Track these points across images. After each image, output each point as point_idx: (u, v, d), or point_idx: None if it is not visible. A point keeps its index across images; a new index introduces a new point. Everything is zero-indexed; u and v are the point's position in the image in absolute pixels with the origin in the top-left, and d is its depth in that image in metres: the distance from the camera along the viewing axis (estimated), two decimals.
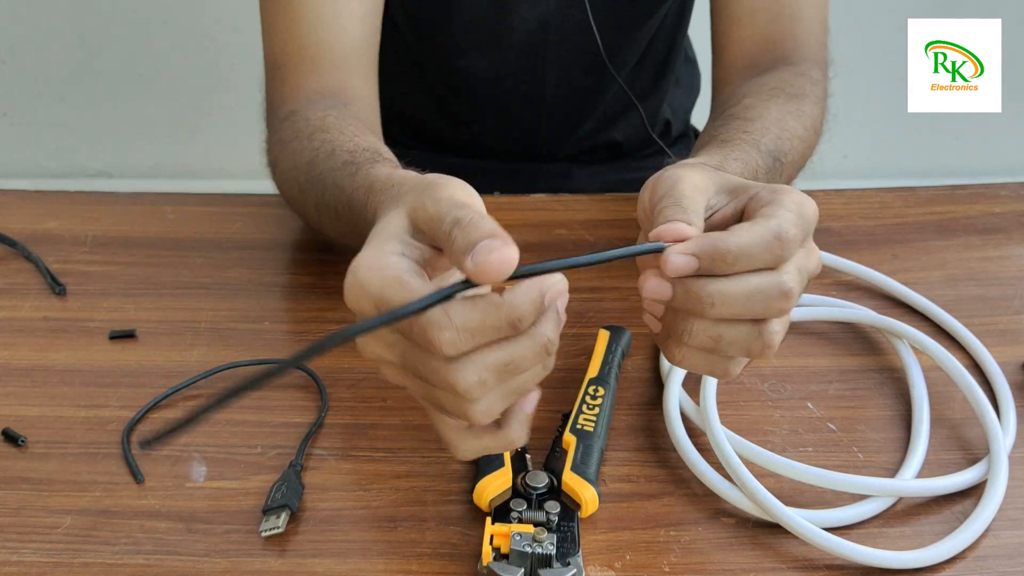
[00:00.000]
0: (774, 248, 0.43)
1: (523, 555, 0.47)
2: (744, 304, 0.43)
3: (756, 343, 0.45)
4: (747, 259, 0.43)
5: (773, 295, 0.43)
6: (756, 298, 0.43)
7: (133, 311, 0.67)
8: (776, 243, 0.43)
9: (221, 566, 0.49)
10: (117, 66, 1.90)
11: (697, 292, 0.43)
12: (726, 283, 0.43)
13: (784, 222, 0.44)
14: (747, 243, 0.43)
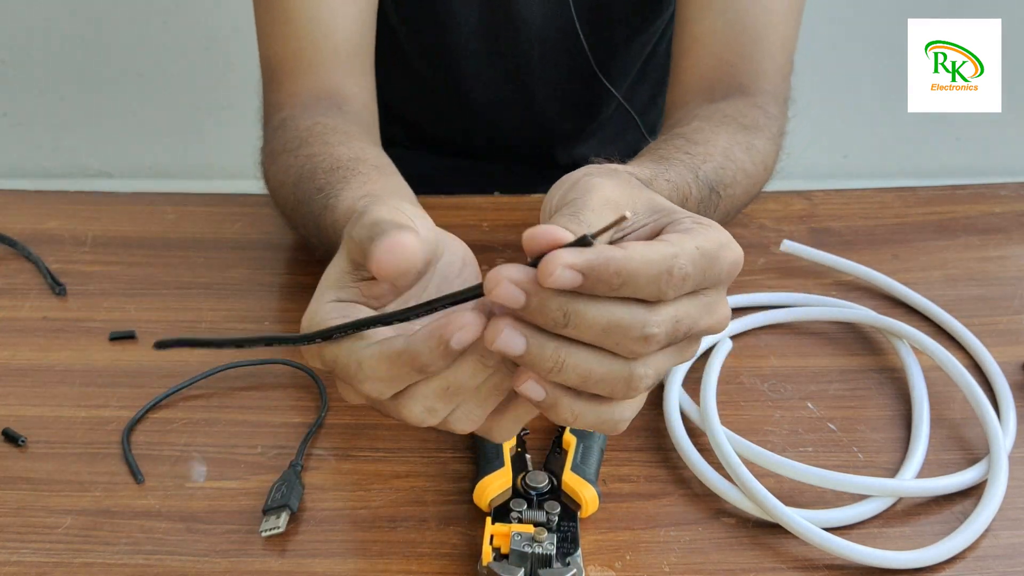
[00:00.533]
0: (661, 281, 0.37)
1: (523, 555, 0.47)
2: (597, 330, 0.38)
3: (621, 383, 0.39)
4: (631, 285, 0.37)
5: (632, 334, 0.38)
6: (613, 332, 0.38)
7: (133, 311, 0.67)
8: (665, 276, 0.37)
9: (221, 566, 0.49)
10: (117, 66, 1.90)
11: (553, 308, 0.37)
12: (587, 304, 0.37)
13: (684, 257, 0.38)
14: (637, 265, 0.37)
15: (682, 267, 0.38)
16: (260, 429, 0.58)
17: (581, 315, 0.37)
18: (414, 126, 0.96)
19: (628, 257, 0.37)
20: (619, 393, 0.39)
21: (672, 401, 0.57)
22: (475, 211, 0.78)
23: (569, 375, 0.39)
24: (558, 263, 0.36)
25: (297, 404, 0.60)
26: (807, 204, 0.79)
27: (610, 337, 0.38)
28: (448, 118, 0.93)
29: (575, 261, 0.36)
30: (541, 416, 0.58)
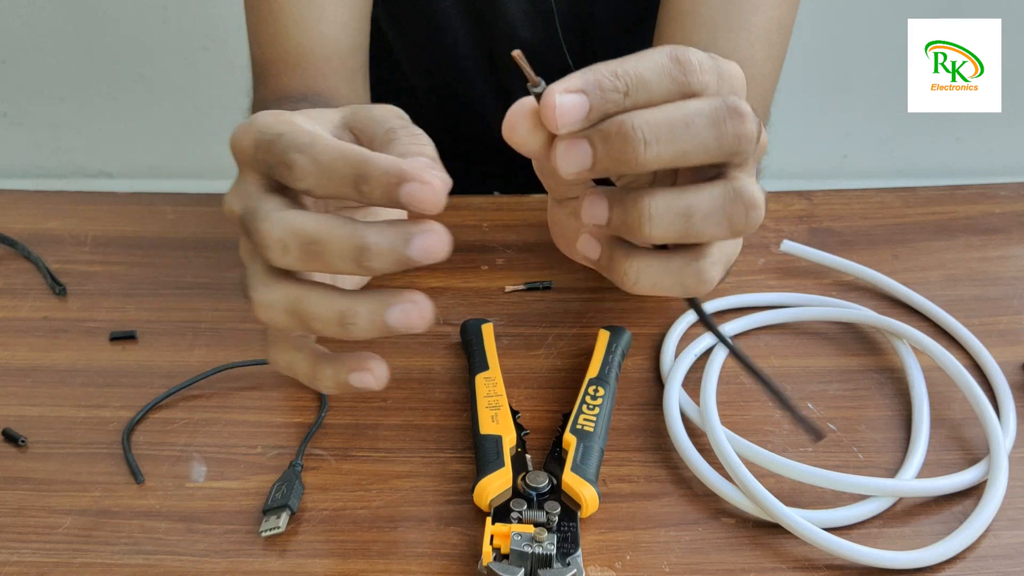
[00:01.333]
0: (673, 72, 0.34)
1: (523, 555, 0.47)
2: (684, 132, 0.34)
3: (737, 206, 0.35)
4: (643, 90, 0.34)
5: (720, 115, 0.34)
6: (697, 120, 0.34)
7: (133, 311, 0.67)
8: (674, 65, 0.34)
9: (221, 566, 0.49)
10: (117, 66, 1.90)
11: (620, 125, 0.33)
12: (651, 111, 0.33)
13: (678, 49, 0.35)
14: (638, 67, 0.33)
15: (680, 52, 0.34)
16: (260, 429, 0.58)
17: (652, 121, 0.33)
18: None
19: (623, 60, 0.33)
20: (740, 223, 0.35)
21: (672, 401, 0.57)
22: (475, 211, 0.78)
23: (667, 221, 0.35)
24: (555, 91, 0.33)
25: (297, 404, 0.60)
26: (807, 204, 0.79)
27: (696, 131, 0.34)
28: (438, 122, 0.94)
29: (573, 84, 0.34)
30: (541, 416, 0.58)
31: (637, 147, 0.33)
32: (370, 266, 0.35)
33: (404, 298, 0.36)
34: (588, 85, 0.33)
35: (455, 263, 0.72)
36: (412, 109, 0.95)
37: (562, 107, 0.33)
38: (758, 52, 0.70)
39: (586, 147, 0.34)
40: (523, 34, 0.82)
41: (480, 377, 0.59)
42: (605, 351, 0.61)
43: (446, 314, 0.67)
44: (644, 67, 0.33)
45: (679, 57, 0.34)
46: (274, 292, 0.38)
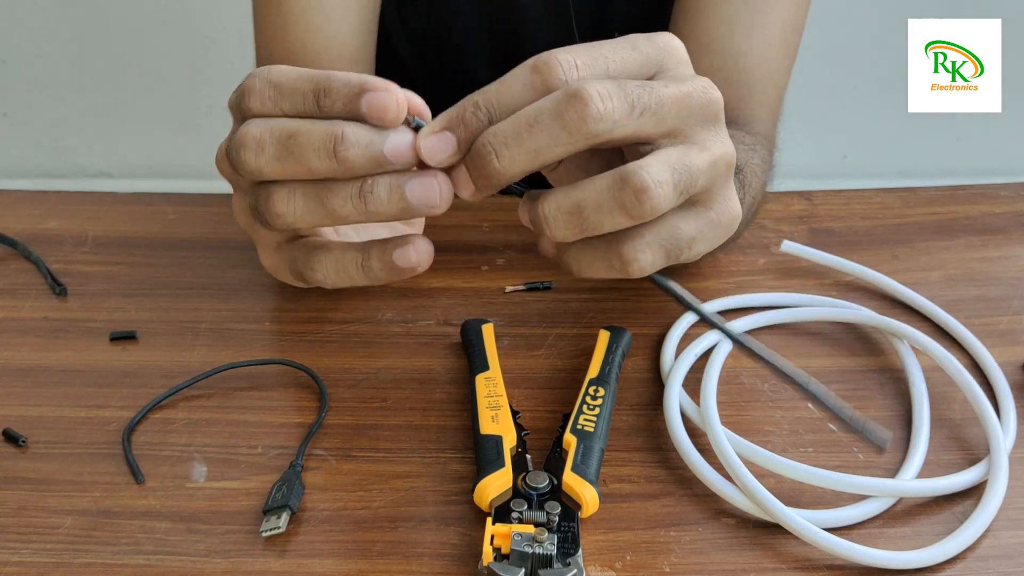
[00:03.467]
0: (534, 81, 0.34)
1: (523, 555, 0.47)
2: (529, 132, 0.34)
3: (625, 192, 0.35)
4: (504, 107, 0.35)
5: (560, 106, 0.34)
6: (541, 118, 0.34)
7: (133, 311, 0.67)
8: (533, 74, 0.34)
9: (221, 566, 0.49)
10: (117, 66, 1.90)
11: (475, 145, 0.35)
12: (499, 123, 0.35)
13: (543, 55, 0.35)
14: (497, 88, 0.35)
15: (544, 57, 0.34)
16: (260, 429, 0.58)
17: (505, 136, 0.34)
18: None
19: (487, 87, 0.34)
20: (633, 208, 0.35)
21: (672, 401, 0.57)
22: (475, 211, 0.78)
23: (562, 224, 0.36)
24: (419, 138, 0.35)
25: (297, 404, 0.60)
26: (807, 204, 0.79)
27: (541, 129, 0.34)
28: None
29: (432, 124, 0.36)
30: (541, 416, 0.58)
31: (489, 159, 0.35)
32: (345, 158, 0.36)
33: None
34: (451, 122, 0.35)
35: (455, 263, 0.72)
36: None
37: (428, 148, 0.35)
38: (774, 52, 0.71)
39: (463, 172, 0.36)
40: (539, 32, 0.82)
41: (480, 377, 0.59)
42: (605, 351, 0.61)
43: (446, 314, 0.67)
44: (506, 87, 0.34)
45: (538, 65, 0.34)
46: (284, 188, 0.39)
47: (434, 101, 0.94)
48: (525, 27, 0.82)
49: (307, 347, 0.64)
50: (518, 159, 0.35)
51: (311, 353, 0.63)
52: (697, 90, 0.38)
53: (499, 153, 0.35)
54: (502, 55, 0.84)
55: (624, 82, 0.35)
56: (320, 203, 0.38)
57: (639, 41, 0.38)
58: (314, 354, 0.63)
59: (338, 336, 0.65)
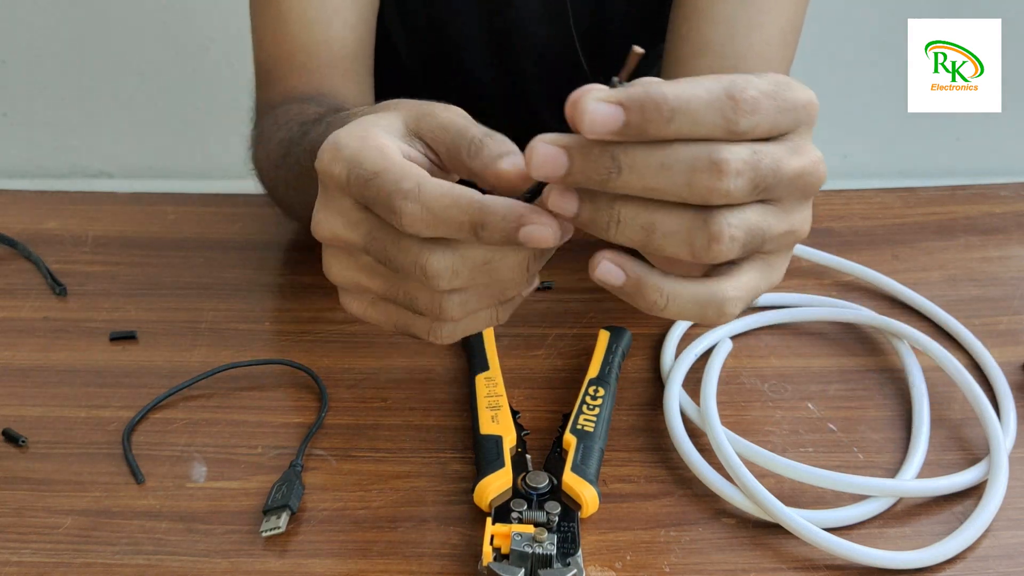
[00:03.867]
0: (725, 109, 0.32)
1: (523, 555, 0.47)
2: (655, 173, 0.33)
3: (700, 234, 0.34)
4: (688, 118, 0.32)
5: (699, 166, 0.32)
6: (675, 168, 0.32)
7: (133, 311, 0.67)
8: (728, 103, 0.32)
9: (221, 566, 0.49)
10: (117, 66, 1.90)
11: (600, 154, 0.33)
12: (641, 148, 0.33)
13: (745, 80, 0.33)
14: (689, 95, 0.32)
15: (745, 90, 0.32)
16: (260, 429, 0.58)
17: (635, 158, 0.32)
18: None
19: (679, 87, 0.32)
20: (701, 251, 0.34)
21: (672, 401, 0.57)
22: None
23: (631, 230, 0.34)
24: (590, 97, 0.31)
25: (297, 404, 0.60)
26: None
27: (671, 175, 0.32)
28: None
29: (615, 95, 0.32)
30: (541, 416, 0.58)
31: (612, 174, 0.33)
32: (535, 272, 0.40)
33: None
34: (631, 101, 0.32)
35: None
36: None
37: (592, 114, 0.32)
38: (773, 52, 0.70)
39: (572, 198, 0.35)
40: (537, 31, 0.82)
41: (480, 377, 0.59)
42: (605, 351, 0.61)
43: None
44: (696, 96, 0.32)
45: (736, 94, 0.32)
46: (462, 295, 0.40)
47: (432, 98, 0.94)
48: (523, 26, 0.82)
49: (307, 347, 0.64)
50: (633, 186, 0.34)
51: (311, 353, 0.63)
52: (811, 169, 0.36)
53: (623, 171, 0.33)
54: (500, 54, 0.84)
55: (760, 157, 0.34)
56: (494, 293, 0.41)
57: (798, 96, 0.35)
58: (314, 354, 0.63)
59: (338, 336, 0.65)
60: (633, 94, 0.32)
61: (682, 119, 0.32)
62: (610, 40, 0.84)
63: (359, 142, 0.40)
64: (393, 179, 0.38)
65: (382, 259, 0.40)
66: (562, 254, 0.74)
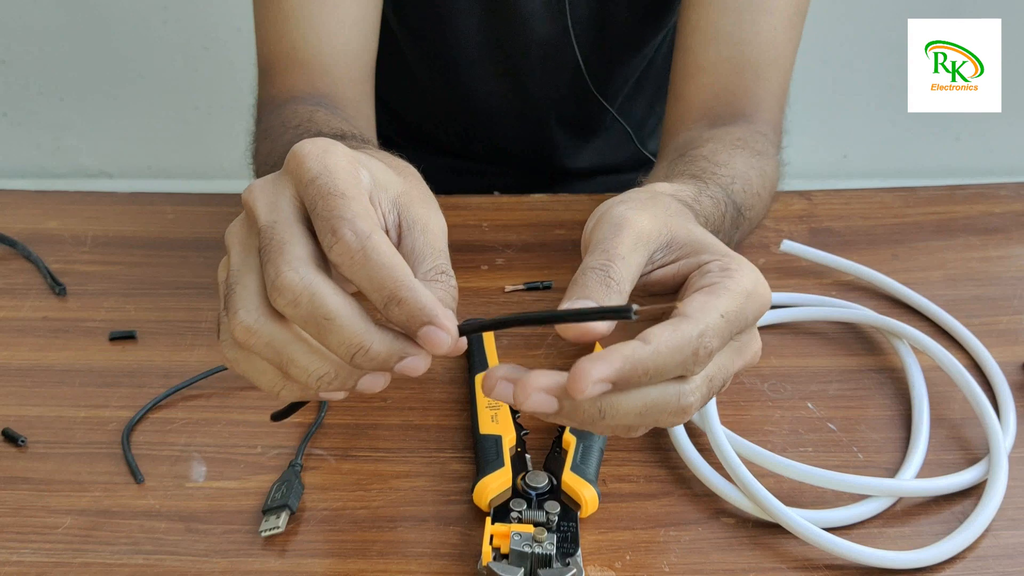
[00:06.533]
0: (688, 363, 0.38)
1: (523, 555, 0.47)
2: (636, 417, 0.39)
3: (641, 428, 0.41)
4: (660, 374, 0.38)
5: (669, 409, 0.39)
6: (648, 415, 0.39)
7: (133, 311, 0.67)
8: (692, 357, 0.38)
9: (221, 566, 0.49)
10: (117, 66, 1.90)
11: (588, 407, 0.38)
12: (621, 396, 0.38)
13: (708, 333, 0.38)
14: (664, 360, 0.38)
15: (707, 345, 0.38)
16: (260, 429, 0.58)
17: (616, 407, 0.38)
18: (413, 127, 0.96)
19: (656, 352, 0.37)
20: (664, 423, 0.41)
21: None
22: (475, 211, 0.78)
23: (608, 430, 0.40)
24: (588, 380, 0.36)
25: None
26: (807, 204, 0.79)
27: (647, 417, 0.39)
28: (447, 122, 0.94)
29: (606, 374, 0.37)
30: None
31: (596, 419, 0.38)
32: (358, 364, 0.39)
33: None
34: (619, 377, 0.37)
35: (455, 263, 0.72)
36: (421, 110, 0.95)
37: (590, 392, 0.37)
38: (780, 35, 0.71)
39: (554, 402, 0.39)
40: (538, 29, 0.82)
41: (480, 377, 0.59)
42: None
43: None
44: (669, 357, 0.37)
45: (699, 351, 0.38)
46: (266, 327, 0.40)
47: (434, 94, 0.94)
48: (523, 23, 0.82)
49: None
50: (613, 424, 0.39)
51: None
52: (752, 359, 0.43)
53: (605, 416, 0.38)
54: (500, 51, 0.84)
55: (712, 381, 0.40)
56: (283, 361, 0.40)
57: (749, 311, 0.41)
58: None
59: None
60: (624, 371, 0.37)
61: (656, 378, 0.38)
62: (608, 35, 0.84)
63: (348, 163, 0.40)
64: (351, 211, 0.38)
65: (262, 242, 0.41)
66: (562, 254, 0.74)
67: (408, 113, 0.95)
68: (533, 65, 0.85)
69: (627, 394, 0.38)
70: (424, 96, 0.92)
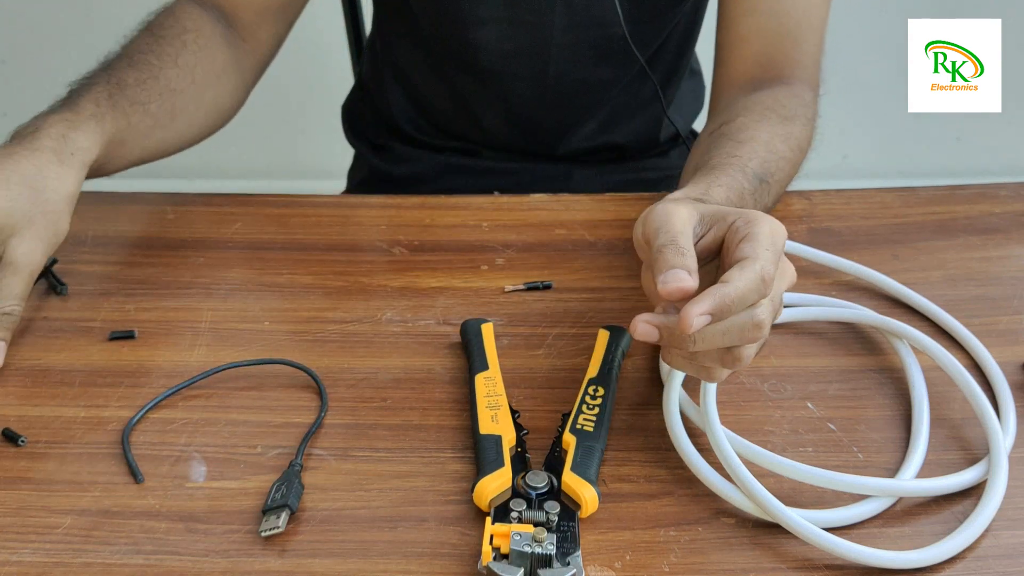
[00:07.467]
0: (761, 289, 0.50)
1: (523, 555, 0.47)
2: (720, 338, 0.50)
3: (727, 358, 0.52)
4: (742, 303, 0.49)
5: (747, 328, 0.50)
6: (731, 333, 0.50)
7: (133, 311, 0.67)
8: (762, 285, 0.50)
9: (221, 566, 0.49)
10: None
11: (682, 336, 0.50)
12: (711, 327, 0.49)
13: (766, 263, 0.50)
14: (743, 291, 0.49)
15: (768, 271, 0.50)
16: (260, 429, 0.58)
17: (706, 335, 0.50)
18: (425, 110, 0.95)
19: (736, 288, 0.49)
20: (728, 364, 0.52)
21: (672, 401, 0.57)
22: (475, 211, 0.78)
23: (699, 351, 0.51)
24: (693, 314, 0.48)
25: (297, 404, 0.60)
26: (806, 204, 0.79)
27: (730, 337, 0.50)
28: (457, 97, 0.92)
29: (706, 309, 0.48)
30: (540, 416, 0.58)
31: (687, 344, 0.50)
32: None
33: None
34: (715, 311, 0.48)
35: (455, 263, 0.72)
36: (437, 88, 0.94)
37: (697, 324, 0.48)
38: (815, 4, 0.78)
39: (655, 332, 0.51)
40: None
41: (480, 377, 0.59)
42: (605, 351, 0.61)
43: (446, 314, 0.67)
44: (747, 290, 0.49)
45: (765, 277, 0.50)
46: None
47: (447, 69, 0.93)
48: None
49: (307, 347, 0.64)
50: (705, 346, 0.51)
51: (311, 353, 0.63)
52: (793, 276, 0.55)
53: (696, 341, 0.50)
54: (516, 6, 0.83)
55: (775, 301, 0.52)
56: None
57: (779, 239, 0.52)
58: (314, 354, 0.63)
59: (338, 336, 0.65)
60: (716, 304, 0.48)
61: (739, 306, 0.49)
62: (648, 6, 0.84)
63: None
64: None
65: None
66: (561, 254, 0.74)
67: (422, 92, 0.94)
68: (556, 16, 0.83)
69: (716, 324, 0.49)
70: (436, 62, 0.90)
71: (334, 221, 0.78)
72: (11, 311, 0.62)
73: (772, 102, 0.75)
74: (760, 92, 0.77)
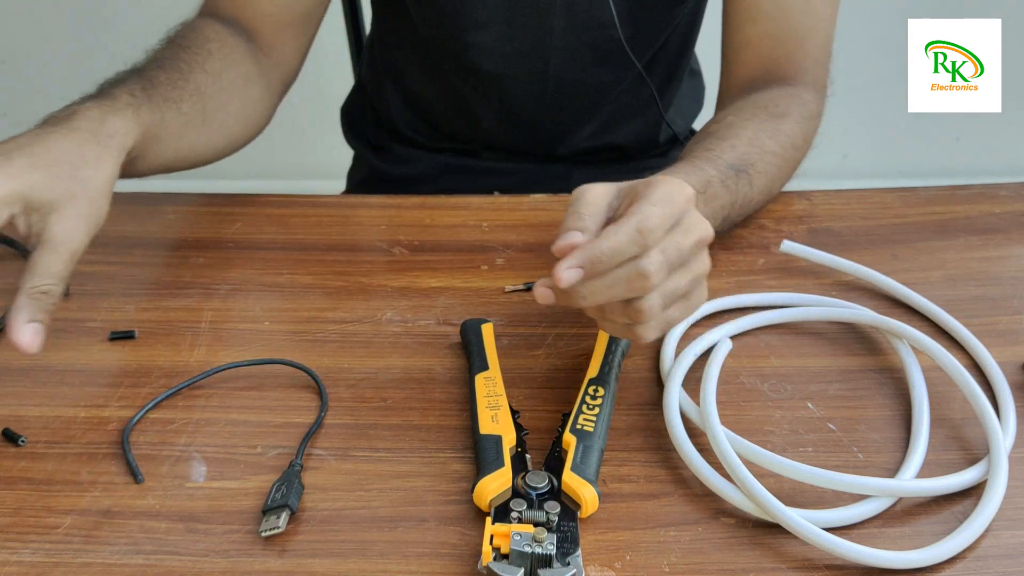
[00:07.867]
0: (638, 240, 0.50)
1: (523, 555, 0.47)
2: (608, 291, 0.51)
3: (630, 312, 0.53)
4: (618, 255, 0.50)
5: (633, 278, 0.51)
6: (617, 285, 0.51)
7: (133, 311, 0.67)
8: (638, 236, 0.50)
9: (221, 566, 0.49)
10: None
11: (570, 292, 0.52)
12: (595, 280, 0.51)
13: (644, 216, 0.51)
14: (615, 243, 0.50)
15: (645, 223, 0.51)
16: (260, 429, 0.58)
17: (592, 288, 0.51)
18: (425, 113, 0.95)
19: (604, 238, 0.51)
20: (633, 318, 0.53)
21: (672, 401, 0.57)
22: (475, 211, 0.78)
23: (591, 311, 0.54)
24: (563, 266, 0.51)
25: (297, 404, 0.60)
26: (807, 204, 0.79)
27: (617, 289, 0.51)
28: (457, 100, 0.92)
29: (575, 262, 0.51)
30: (541, 416, 0.58)
31: (579, 300, 0.52)
32: None
33: None
34: (584, 263, 0.51)
35: (455, 263, 0.72)
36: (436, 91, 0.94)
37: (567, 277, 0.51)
38: (819, 4, 0.79)
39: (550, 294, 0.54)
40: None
41: (480, 377, 0.59)
42: (605, 351, 0.61)
43: (446, 314, 0.67)
44: (620, 242, 0.50)
45: (642, 228, 0.51)
46: None
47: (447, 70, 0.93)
48: None
49: (307, 347, 0.64)
50: (592, 300, 0.52)
51: (311, 353, 0.63)
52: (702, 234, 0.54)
53: (584, 297, 0.52)
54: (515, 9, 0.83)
55: (667, 252, 0.52)
56: None
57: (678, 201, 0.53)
58: (314, 354, 0.63)
59: (338, 336, 0.65)
60: (584, 257, 0.51)
61: (616, 258, 0.51)
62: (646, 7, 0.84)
63: None
64: None
65: None
66: None
67: (421, 95, 0.94)
68: (555, 20, 0.83)
69: (599, 278, 0.51)
70: (435, 64, 0.90)
71: (334, 221, 0.78)
72: (48, 290, 0.57)
73: (765, 101, 0.76)
74: (757, 93, 0.77)
